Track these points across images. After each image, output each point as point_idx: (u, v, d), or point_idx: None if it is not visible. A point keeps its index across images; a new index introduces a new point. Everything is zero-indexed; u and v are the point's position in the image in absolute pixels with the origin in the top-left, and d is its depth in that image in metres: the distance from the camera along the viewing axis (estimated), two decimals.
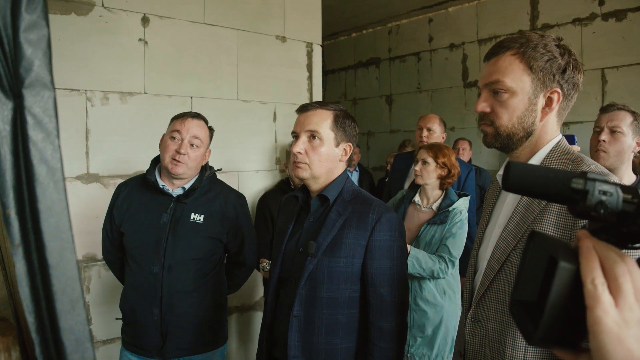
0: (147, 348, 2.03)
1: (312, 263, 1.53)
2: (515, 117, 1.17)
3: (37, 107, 0.42)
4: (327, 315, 1.53)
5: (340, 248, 1.52)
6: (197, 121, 2.08)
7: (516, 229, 1.16)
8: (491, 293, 1.20)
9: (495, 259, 1.19)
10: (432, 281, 2.51)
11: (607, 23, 4.57)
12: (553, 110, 1.19)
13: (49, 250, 0.43)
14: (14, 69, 0.42)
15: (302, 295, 1.54)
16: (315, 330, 1.53)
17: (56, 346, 0.45)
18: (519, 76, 1.15)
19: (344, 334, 1.55)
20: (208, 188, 2.14)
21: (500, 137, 1.20)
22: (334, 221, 1.55)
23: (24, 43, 0.42)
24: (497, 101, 1.18)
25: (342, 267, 1.52)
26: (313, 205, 1.62)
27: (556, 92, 1.17)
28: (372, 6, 5.88)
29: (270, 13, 3.42)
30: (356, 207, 1.57)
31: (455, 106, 5.85)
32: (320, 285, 1.52)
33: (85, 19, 2.69)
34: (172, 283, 2.01)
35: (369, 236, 1.52)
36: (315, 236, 1.56)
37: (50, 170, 0.43)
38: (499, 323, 1.17)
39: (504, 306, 1.16)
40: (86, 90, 2.70)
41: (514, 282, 0.58)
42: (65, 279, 0.44)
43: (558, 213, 1.09)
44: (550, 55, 1.15)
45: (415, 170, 2.64)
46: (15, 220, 0.43)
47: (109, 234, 2.16)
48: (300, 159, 1.57)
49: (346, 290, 1.54)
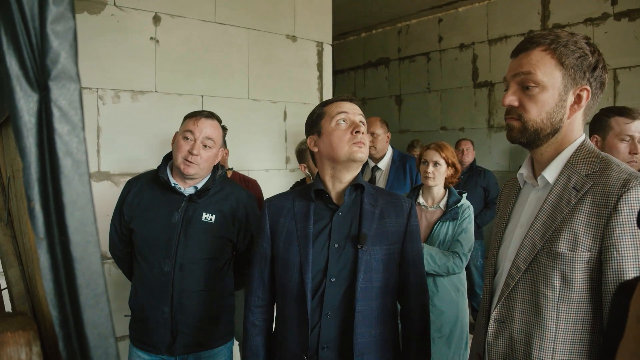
0: (156, 345, 2.04)
1: (366, 254, 1.52)
2: (544, 112, 1.15)
3: (63, 99, 0.42)
4: (380, 306, 1.54)
5: (387, 236, 1.56)
6: (211, 121, 2.07)
7: (543, 228, 1.15)
8: (516, 293, 1.18)
9: (521, 258, 1.18)
10: (446, 278, 2.53)
11: (620, 23, 4.52)
12: (581, 108, 1.17)
13: (73, 244, 0.43)
14: (40, 61, 0.42)
15: (360, 289, 1.51)
16: (374, 323, 1.54)
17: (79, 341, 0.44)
18: (551, 71, 1.14)
19: (389, 320, 1.59)
20: (219, 188, 2.14)
21: (527, 132, 1.18)
22: (371, 212, 1.58)
23: (51, 35, 0.41)
24: (527, 95, 1.16)
25: (391, 255, 1.56)
26: (348, 196, 1.59)
27: (585, 90, 1.15)
28: (382, 6, 5.86)
29: (280, 12, 3.42)
30: (386, 198, 1.63)
31: (465, 106, 5.82)
32: (376, 274, 1.53)
33: (97, 18, 2.70)
34: (183, 282, 2.01)
35: (407, 222, 1.61)
36: (355, 229, 1.55)
37: (76, 163, 0.42)
38: (524, 324, 1.16)
39: (530, 306, 1.14)
40: (98, 88, 2.71)
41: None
42: (90, 273, 0.43)
43: (589, 212, 1.08)
44: (582, 52, 1.14)
45: (426, 172, 2.60)
46: (40, 213, 0.43)
47: (118, 230, 2.16)
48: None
49: (393, 276, 1.58)
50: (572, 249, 1.08)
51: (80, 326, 0.44)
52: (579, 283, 1.08)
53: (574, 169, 1.15)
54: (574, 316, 1.09)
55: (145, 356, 2.08)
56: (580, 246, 1.07)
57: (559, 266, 1.10)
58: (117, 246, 2.21)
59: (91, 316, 0.43)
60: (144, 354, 2.08)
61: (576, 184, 1.13)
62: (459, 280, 2.57)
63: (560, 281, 1.10)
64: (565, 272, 1.09)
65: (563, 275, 1.09)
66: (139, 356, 2.09)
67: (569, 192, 1.13)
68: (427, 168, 2.61)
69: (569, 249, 1.09)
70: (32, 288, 0.76)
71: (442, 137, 5.98)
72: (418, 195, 2.71)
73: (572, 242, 1.09)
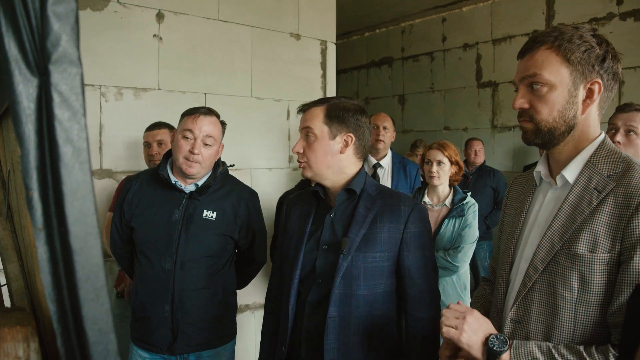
0: (157, 344, 2.02)
1: (346, 260, 1.48)
2: (555, 111, 1.14)
3: (63, 84, 0.40)
4: (364, 314, 1.49)
5: (376, 243, 1.49)
6: (210, 118, 2.02)
7: (562, 229, 1.14)
8: (534, 294, 1.17)
9: (539, 259, 1.16)
10: (454, 277, 2.57)
11: (625, 23, 4.49)
12: (594, 102, 1.15)
13: (72, 235, 0.41)
14: (40, 43, 0.40)
15: (336, 295, 1.49)
16: (352, 331, 1.49)
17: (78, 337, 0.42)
18: (557, 69, 1.12)
19: (380, 331, 1.52)
20: (221, 184, 2.12)
21: (541, 132, 1.17)
22: (364, 216, 1.52)
23: (52, 16, 0.39)
24: (536, 96, 1.15)
25: (379, 262, 1.49)
26: (338, 199, 1.57)
27: (597, 83, 1.13)
28: (385, 5, 5.84)
29: (284, 10, 3.40)
30: (385, 201, 1.54)
31: (469, 106, 5.79)
32: (356, 282, 1.48)
33: (101, 15, 2.69)
34: (184, 280, 1.99)
35: (404, 228, 1.51)
36: (344, 233, 1.52)
37: (76, 151, 0.41)
38: (541, 324, 1.15)
39: (548, 308, 1.14)
40: (100, 85, 2.69)
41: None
42: (90, 266, 0.41)
43: (611, 214, 1.07)
44: (588, 45, 1.12)
45: (431, 172, 2.63)
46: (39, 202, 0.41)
47: (119, 228, 2.14)
48: (299, 159, 1.58)
49: (382, 285, 1.51)
50: (592, 250, 1.07)
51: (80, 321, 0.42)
52: (597, 285, 1.07)
53: (595, 169, 1.14)
54: (593, 318, 1.07)
55: (146, 355, 2.06)
56: (600, 248, 1.06)
57: (578, 267, 1.08)
58: (117, 244, 2.19)
59: (91, 311, 0.41)
60: (144, 353, 2.06)
61: (598, 185, 1.11)
62: (465, 278, 2.62)
63: (579, 283, 1.08)
64: (584, 273, 1.08)
65: (582, 276, 1.08)
66: (140, 355, 2.08)
67: (590, 193, 1.12)
68: (431, 167, 2.63)
69: (588, 250, 1.07)
70: (31, 283, 0.74)
71: (446, 137, 5.95)
72: (423, 195, 2.73)
73: (591, 243, 1.07)
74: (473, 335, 1.12)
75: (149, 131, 2.63)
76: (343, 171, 1.57)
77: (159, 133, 2.60)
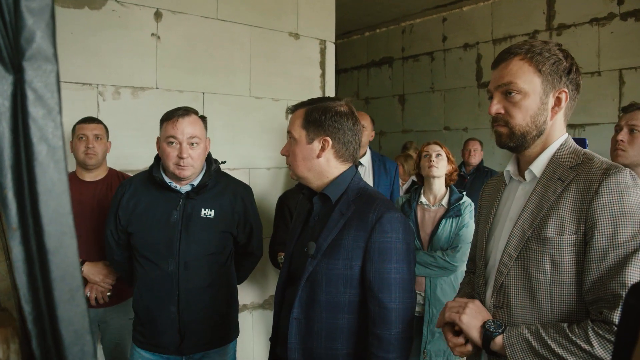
0: (165, 346, 2.02)
1: (312, 264, 1.47)
2: (528, 116, 1.25)
3: (38, 81, 0.39)
4: (326, 319, 1.47)
5: (340, 250, 1.45)
6: (189, 118, 1.98)
7: (531, 216, 1.23)
8: (510, 280, 1.26)
9: (512, 246, 1.26)
10: (452, 277, 2.58)
11: (626, 23, 4.47)
12: (561, 110, 1.27)
13: (47, 235, 0.40)
14: (14, 40, 0.39)
15: (302, 297, 1.49)
16: (315, 334, 1.48)
17: (54, 338, 0.42)
18: (530, 78, 1.24)
19: (345, 339, 1.47)
20: (215, 182, 2.12)
21: (515, 136, 1.27)
22: (336, 221, 1.48)
23: (26, 12, 0.39)
24: (511, 103, 1.26)
25: (341, 270, 1.44)
26: (315, 204, 1.57)
27: (564, 92, 1.25)
28: (386, 5, 5.83)
29: (283, 9, 3.39)
30: (359, 207, 1.48)
31: (469, 106, 5.78)
32: (319, 287, 1.46)
33: (98, 13, 2.68)
34: (189, 280, 1.99)
35: (368, 237, 1.43)
36: (317, 236, 1.50)
37: (51, 149, 0.40)
38: (521, 308, 1.24)
39: (525, 291, 1.23)
40: (98, 84, 2.69)
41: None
42: (65, 266, 0.41)
43: (574, 199, 1.17)
44: (556, 58, 1.24)
45: (430, 161, 2.64)
46: (13, 202, 0.40)
47: (114, 235, 2.12)
48: (287, 161, 1.61)
49: (345, 294, 1.46)
50: (560, 233, 1.17)
51: (55, 322, 0.41)
52: (567, 266, 1.16)
53: (558, 162, 1.25)
54: (567, 297, 1.17)
55: (149, 355, 2.06)
56: (567, 230, 1.16)
57: (548, 250, 1.18)
58: (114, 251, 2.18)
59: (66, 312, 0.41)
60: (147, 354, 2.06)
61: (561, 175, 1.22)
62: (461, 275, 2.60)
63: (550, 265, 1.18)
64: (554, 256, 1.17)
65: (552, 259, 1.17)
66: (142, 356, 2.07)
67: (554, 183, 1.22)
68: (430, 158, 2.66)
69: (556, 233, 1.17)
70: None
71: (446, 137, 5.94)
72: (420, 195, 2.71)
73: (559, 226, 1.17)
74: (472, 319, 1.26)
75: (86, 124, 2.47)
76: (324, 175, 1.54)
77: (97, 127, 2.48)
